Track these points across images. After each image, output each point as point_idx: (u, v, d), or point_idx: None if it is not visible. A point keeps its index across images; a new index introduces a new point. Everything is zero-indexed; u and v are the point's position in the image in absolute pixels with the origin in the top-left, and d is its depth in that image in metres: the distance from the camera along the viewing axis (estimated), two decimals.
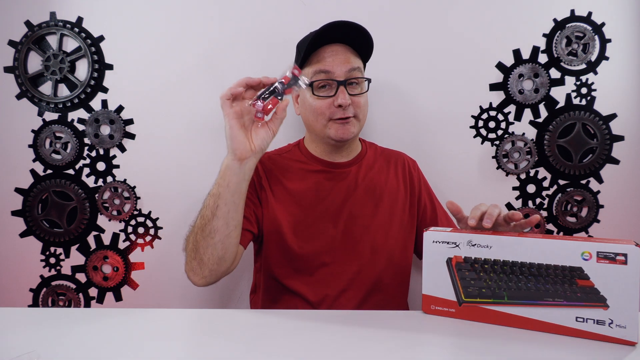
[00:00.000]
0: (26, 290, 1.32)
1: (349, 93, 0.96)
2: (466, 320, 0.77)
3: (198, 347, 0.67)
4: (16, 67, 1.27)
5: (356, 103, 0.97)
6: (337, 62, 0.95)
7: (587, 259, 0.69)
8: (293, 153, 1.09)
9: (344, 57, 0.97)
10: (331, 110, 0.96)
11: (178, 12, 1.28)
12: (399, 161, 1.13)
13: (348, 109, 0.96)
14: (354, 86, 0.98)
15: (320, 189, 1.03)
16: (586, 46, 1.26)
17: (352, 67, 0.97)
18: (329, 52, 0.97)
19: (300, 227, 1.00)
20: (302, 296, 0.99)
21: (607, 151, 1.28)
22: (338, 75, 0.95)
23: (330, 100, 0.96)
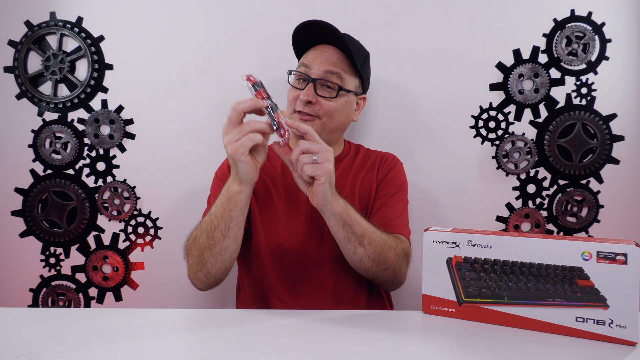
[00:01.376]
0: (26, 290, 1.32)
1: (318, 93, 0.97)
2: (466, 320, 0.77)
3: (198, 347, 0.67)
4: (16, 67, 1.27)
5: (322, 104, 0.97)
6: (318, 60, 0.98)
7: (587, 259, 0.69)
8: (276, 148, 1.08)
9: (327, 57, 0.98)
10: (297, 103, 0.99)
11: (178, 12, 1.28)
12: (377, 160, 1.08)
13: (309, 106, 0.97)
14: (325, 89, 0.99)
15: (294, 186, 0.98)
16: (586, 46, 1.26)
17: (331, 70, 0.97)
18: (315, 51, 1.00)
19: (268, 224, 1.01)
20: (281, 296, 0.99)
21: (607, 151, 1.28)
22: (313, 72, 0.98)
23: (299, 92, 0.98)
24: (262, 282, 1.01)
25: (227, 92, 1.29)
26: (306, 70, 0.98)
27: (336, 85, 0.98)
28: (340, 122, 1.02)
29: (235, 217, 0.83)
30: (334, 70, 0.98)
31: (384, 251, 0.89)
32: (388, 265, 0.91)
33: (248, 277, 1.06)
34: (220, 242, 0.84)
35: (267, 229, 1.01)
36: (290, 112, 1.01)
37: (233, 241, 0.86)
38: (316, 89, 0.97)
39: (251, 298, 1.04)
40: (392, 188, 1.06)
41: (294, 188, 1.01)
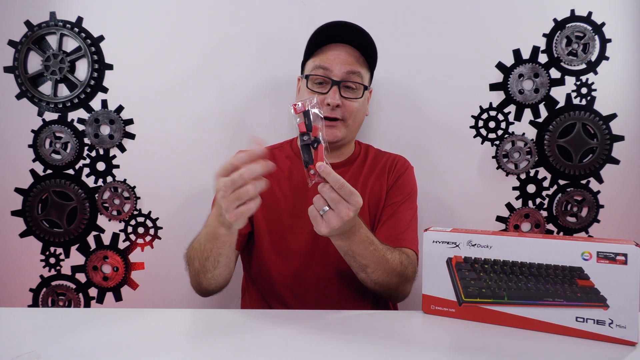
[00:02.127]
0: (26, 290, 1.32)
1: (342, 95, 0.95)
2: (466, 320, 0.77)
3: (198, 347, 0.67)
4: (16, 67, 1.27)
5: (347, 106, 0.96)
6: (337, 61, 0.95)
7: (587, 259, 0.69)
8: (284, 149, 1.08)
9: (346, 58, 0.96)
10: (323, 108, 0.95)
11: (178, 12, 1.28)
12: (388, 163, 1.07)
13: (337, 110, 0.95)
14: (349, 90, 0.97)
15: (301, 188, 1.01)
16: (586, 46, 1.26)
17: (352, 70, 0.96)
18: (333, 50, 0.96)
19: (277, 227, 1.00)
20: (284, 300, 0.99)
21: (607, 151, 1.28)
22: (335, 75, 0.95)
23: (322, 97, 0.95)
24: (266, 287, 1.01)
25: (227, 91, 1.29)
26: (326, 73, 0.95)
27: (360, 85, 0.97)
28: (360, 120, 1.02)
29: (224, 253, 0.82)
30: (355, 70, 0.96)
31: (389, 277, 0.86)
32: (392, 287, 0.89)
33: (252, 282, 1.06)
34: (212, 271, 0.85)
35: (273, 233, 1.00)
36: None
37: (224, 269, 0.87)
38: (340, 91, 0.95)
39: (257, 302, 1.04)
40: (402, 195, 1.04)
41: (301, 190, 1.01)
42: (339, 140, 0.99)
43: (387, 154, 1.12)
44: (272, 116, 1.30)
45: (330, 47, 0.96)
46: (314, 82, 0.97)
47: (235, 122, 1.30)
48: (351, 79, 0.96)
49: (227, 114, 1.30)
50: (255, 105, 1.30)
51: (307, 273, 0.98)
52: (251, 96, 1.29)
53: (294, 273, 0.99)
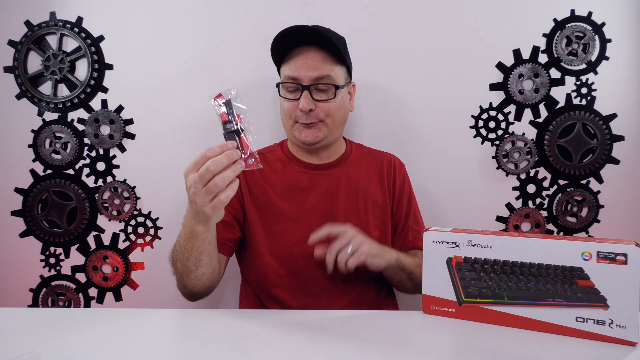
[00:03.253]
0: (26, 290, 1.32)
1: (314, 98, 0.96)
2: (466, 320, 0.77)
3: (198, 347, 0.67)
4: (16, 67, 1.27)
5: (322, 108, 0.96)
6: (304, 67, 0.94)
7: (587, 259, 0.69)
8: (275, 153, 1.08)
9: (313, 62, 0.95)
10: (296, 114, 0.97)
11: (178, 12, 1.28)
12: (385, 163, 1.09)
13: (311, 114, 0.96)
14: (321, 92, 0.97)
15: (298, 190, 1.02)
16: (586, 46, 1.26)
17: (320, 74, 0.95)
18: (299, 57, 0.95)
19: (273, 229, 1.00)
20: (282, 302, 0.99)
21: (607, 151, 1.28)
22: (304, 81, 0.95)
23: (296, 102, 0.96)
24: (264, 290, 1.01)
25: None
26: (295, 81, 0.95)
27: (331, 86, 0.97)
28: (341, 117, 1.02)
29: (205, 250, 0.82)
30: (322, 75, 0.95)
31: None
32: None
33: (249, 286, 1.05)
34: (194, 271, 0.85)
35: (269, 236, 1.00)
36: (290, 123, 0.99)
37: (207, 268, 0.86)
38: (312, 95, 0.95)
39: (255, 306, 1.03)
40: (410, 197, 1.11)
41: (295, 192, 1.02)
42: (321, 140, 0.99)
43: (379, 153, 1.13)
44: (272, 116, 1.30)
45: (296, 52, 0.96)
46: (287, 90, 0.98)
47: None
48: (320, 82, 0.96)
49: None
50: (254, 105, 1.30)
51: (306, 275, 0.98)
52: (251, 96, 1.29)
53: (292, 275, 0.99)
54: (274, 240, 0.99)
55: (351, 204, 1.03)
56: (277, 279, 0.99)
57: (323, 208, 1.01)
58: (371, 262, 0.87)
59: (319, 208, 1.01)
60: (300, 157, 1.05)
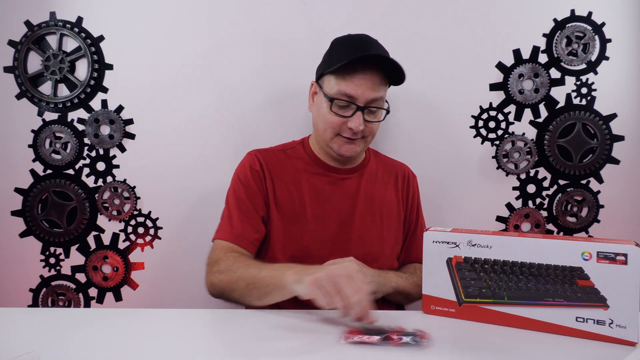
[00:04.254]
0: (26, 290, 1.32)
1: (365, 119, 0.96)
2: (466, 320, 0.77)
3: (198, 347, 0.67)
4: (16, 67, 1.27)
5: (369, 129, 0.98)
6: (363, 88, 0.94)
7: (587, 259, 0.69)
8: (297, 151, 1.08)
9: (372, 84, 0.94)
10: (342, 128, 0.97)
11: (178, 12, 1.28)
12: (400, 174, 1.12)
13: (358, 133, 0.96)
14: (371, 114, 0.98)
15: (320, 192, 1.03)
16: (586, 46, 1.26)
17: (376, 97, 0.95)
18: (359, 76, 0.93)
19: (292, 230, 1.00)
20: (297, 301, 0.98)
21: (607, 151, 1.28)
22: (360, 101, 0.94)
23: (344, 119, 0.96)
24: None
25: (227, 91, 1.29)
26: (351, 99, 0.94)
27: (382, 110, 0.99)
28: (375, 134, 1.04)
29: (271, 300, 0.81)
30: (378, 97, 0.95)
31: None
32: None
33: None
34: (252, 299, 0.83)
35: (288, 236, 0.99)
36: (330, 136, 0.98)
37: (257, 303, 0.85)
38: (364, 116, 0.95)
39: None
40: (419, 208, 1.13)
41: (316, 192, 1.02)
42: (356, 154, 1.01)
43: (395, 162, 1.16)
44: (272, 116, 1.30)
45: (355, 69, 0.94)
46: (338, 105, 0.96)
47: (235, 122, 1.30)
48: (374, 104, 0.96)
49: (227, 113, 1.30)
50: (255, 105, 1.30)
51: None
52: (251, 96, 1.29)
53: None
54: (291, 240, 0.99)
55: (367, 209, 1.04)
56: None
57: (341, 212, 1.02)
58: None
59: (337, 212, 1.02)
60: (323, 159, 1.05)
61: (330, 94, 0.96)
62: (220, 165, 1.09)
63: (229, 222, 0.97)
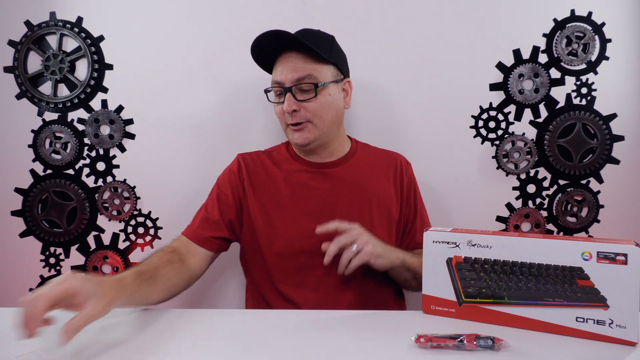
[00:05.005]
0: (26, 290, 1.32)
1: (298, 99, 0.97)
2: (466, 320, 0.77)
3: (197, 347, 0.67)
4: (16, 67, 1.27)
5: (306, 108, 0.97)
6: (285, 71, 0.97)
7: (587, 259, 0.69)
8: (281, 151, 1.10)
9: (293, 65, 0.97)
10: (285, 116, 0.99)
11: (178, 12, 1.28)
12: (392, 163, 1.11)
13: (296, 115, 0.97)
14: (303, 92, 0.97)
15: (302, 188, 1.03)
16: (586, 46, 1.26)
17: (300, 75, 0.96)
18: (281, 61, 0.99)
19: (277, 226, 1.00)
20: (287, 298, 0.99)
21: (607, 151, 1.28)
22: (286, 83, 0.97)
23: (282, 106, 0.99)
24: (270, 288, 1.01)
25: (227, 91, 1.29)
26: (280, 85, 0.98)
27: (311, 85, 0.97)
28: (332, 115, 1.01)
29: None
30: (303, 75, 0.96)
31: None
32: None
33: (254, 285, 1.05)
34: (150, 299, 0.83)
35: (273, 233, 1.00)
36: (284, 126, 1.02)
37: (159, 294, 0.86)
38: (295, 96, 0.97)
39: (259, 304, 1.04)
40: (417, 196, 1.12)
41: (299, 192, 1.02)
42: (312, 141, 1.00)
43: (386, 152, 1.14)
44: (273, 117, 1.30)
45: (280, 58, 0.99)
46: (275, 94, 1.01)
47: (235, 122, 1.30)
48: (301, 82, 0.97)
49: (226, 113, 1.30)
50: (255, 105, 1.30)
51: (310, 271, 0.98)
52: (251, 96, 1.29)
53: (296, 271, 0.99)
54: (275, 237, 1.00)
55: (355, 202, 1.03)
56: (282, 275, 0.99)
57: (326, 206, 1.02)
58: (375, 262, 0.87)
59: (321, 206, 1.02)
60: (303, 156, 1.07)
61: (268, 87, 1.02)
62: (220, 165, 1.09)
63: (194, 219, 1.03)
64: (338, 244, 0.87)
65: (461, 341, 0.65)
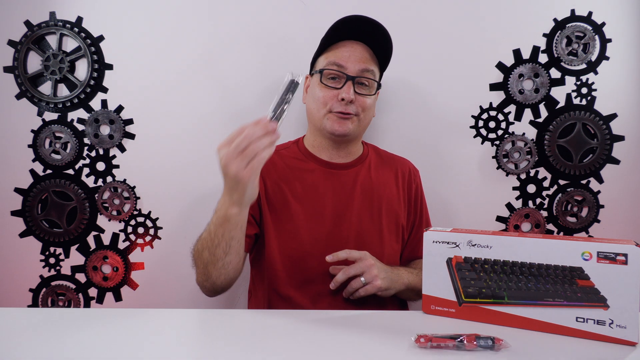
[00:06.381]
0: (26, 290, 1.32)
1: (356, 91, 0.96)
2: (466, 320, 0.77)
3: (197, 347, 0.67)
4: (16, 67, 1.27)
5: (361, 102, 0.97)
6: (352, 58, 0.96)
7: (587, 259, 0.69)
8: (291, 150, 1.08)
9: (361, 56, 0.96)
10: (333, 102, 0.97)
11: (178, 12, 1.28)
12: (401, 169, 1.11)
13: (350, 106, 0.96)
14: (363, 86, 0.98)
15: (313, 188, 1.02)
16: (586, 46, 1.26)
17: (366, 67, 0.96)
18: (347, 47, 0.97)
19: (286, 228, 0.99)
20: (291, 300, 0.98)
21: (607, 151, 1.28)
22: (350, 71, 0.96)
23: (335, 92, 0.96)
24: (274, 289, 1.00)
25: (227, 91, 1.29)
26: (340, 69, 0.96)
27: (373, 82, 0.99)
28: (370, 117, 1.03)
29: (235, 236, 0.82)
30: (369, 68, 0.97)
31: None
32: None
33: (258, 285, 1.05)
34: (222, 258, 0.84)
35: (282, 235, 0.99)
36: (323, 112, 0.98)
37: (235, 256, 0.86)
38: (354, 87, 0.96)
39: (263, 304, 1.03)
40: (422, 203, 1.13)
41: (311, 190, 1.01)
42: (350, 133, 0.99)
43: (396, 158, 1.15)
44: None
45: (344, 44, 0.97)
46: (328, 77, 0.97)
47: (235, 122, 1.29)
48: (365, 76, 0.97)
49: (227, 113, 1.30)
50: (255, 105, 1.30)
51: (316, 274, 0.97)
52: (251, 96, 1.29)
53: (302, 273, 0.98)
54: (286, 238, 0.99)
55: (365, 206, 1.03)
56: (287, 277, 0.98)
57: (337, 208, 1.01)
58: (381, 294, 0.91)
59: (332, 208, 1.01)
60: (320, 155, 1.05)
61: (321, 67, 0.98)
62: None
63: None
64: (346, 274, 0.88)
65: (461, 341, 0.65)
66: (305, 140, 1.08)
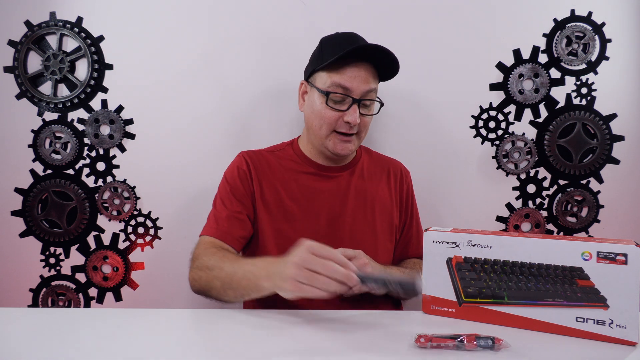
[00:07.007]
0: (26, 290, 1.32)
1: (360, 112, 0.96)
2: (466, 320, 0.77)
3: (197, 347, 0.67)
4: (16, 67, 1.27)
5: (363, 122, 0.98)
6: (357, 80, 0.94)
7: (587, 259, 0.69)
8: (286, 152, 1.08)
9: (365, 76, 0.95)
10: (338, 123, 0.97)
11: (178, 12, 1.28)
12: (392, 169, 1.12)
13: (354, 126, 0.97)
14: (365, 107, 0.98)
15: (309, 190, 1.03)
16: (586, 46, 1.26)
17: (370, 88, 0.96)
18: (352, 69, 0.94)
19: (281, 228, 1.00)
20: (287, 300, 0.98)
21: (607, 151, 1.28)
22: (355, 93, 0.95)
23: (340, 113, 0.96)
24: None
25: (227, 91, 1.29)
26: (346, 92, 0.94)
27: (375, 102, 0.99)
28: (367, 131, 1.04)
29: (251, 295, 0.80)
30: (372, 87, 0.96)
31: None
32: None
33: None
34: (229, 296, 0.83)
35: (278, 234, 0.99)
36: (326, 132, 0.98)
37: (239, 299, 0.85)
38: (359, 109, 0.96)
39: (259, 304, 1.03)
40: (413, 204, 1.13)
41: (306, 189, 1.02)
42: (350, 154, 1.02)
43: (387, 159, 1.15)
44: (273, 117, 1.30)
45: (349, 64, 0.94)
46: (334, 100, 0.96)
47: (235, 122, 1.30)
48: (368, 97, 0.97)
49: (227, 113, 1.30)
50: (255, 105, 1.30)
51: None
52: (251, 96, 1.29)
53: None
54: (281, 239, 0.99)
55: (359, 207, 1.04)
56: None
57: (331, 210, 1.02)
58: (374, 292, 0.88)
59: (327, 209, 1.02)
60: (314, 159, 1.05)
61: (325, 88, 0.95)
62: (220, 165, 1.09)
63: (215, 219, 0.98)
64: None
65: (461, 341, 0.65)
66: (301, 143, 1.09)
